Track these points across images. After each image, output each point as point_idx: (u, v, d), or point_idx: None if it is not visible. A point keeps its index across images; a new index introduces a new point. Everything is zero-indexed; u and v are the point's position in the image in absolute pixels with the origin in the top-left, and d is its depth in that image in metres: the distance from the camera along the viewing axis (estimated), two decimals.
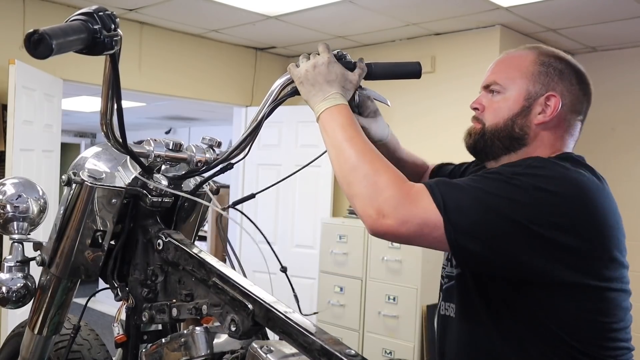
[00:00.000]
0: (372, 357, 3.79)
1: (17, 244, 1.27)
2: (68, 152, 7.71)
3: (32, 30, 0.83)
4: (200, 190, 1.26)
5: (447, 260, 1.29)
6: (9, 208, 1.28)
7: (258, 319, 0.96)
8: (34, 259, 1.26)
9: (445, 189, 1.03)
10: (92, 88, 4.34)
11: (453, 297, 1.23)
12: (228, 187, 5.21)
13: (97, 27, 0.89)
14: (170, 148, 1.19)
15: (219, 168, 1.23)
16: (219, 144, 1.26)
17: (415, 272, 3.73)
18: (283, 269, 1.23)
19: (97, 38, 0.90)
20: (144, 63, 4.30)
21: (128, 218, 1.23)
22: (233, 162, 1.23)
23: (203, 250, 1.12)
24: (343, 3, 3.59)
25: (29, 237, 1.29)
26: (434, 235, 1.02)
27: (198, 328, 1.07)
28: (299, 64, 1.23)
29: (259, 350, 0.94)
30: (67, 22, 0.90)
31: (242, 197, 1.27)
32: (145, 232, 1.22)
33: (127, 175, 1.20)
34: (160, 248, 1.16)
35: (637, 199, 4.03)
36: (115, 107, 1.03)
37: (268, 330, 0.99)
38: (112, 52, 0.93)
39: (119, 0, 3.71)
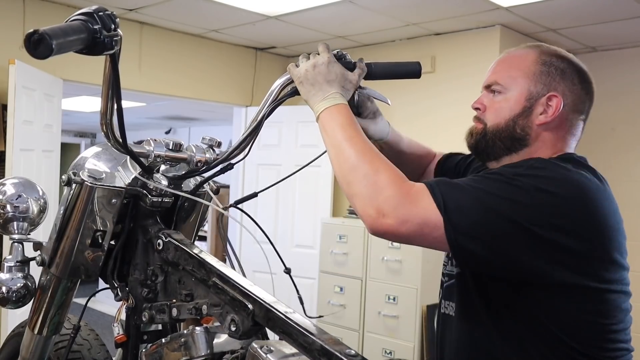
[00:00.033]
0: (372, 357, 3.79)
1: (17, 244, 1.27)
2: (68, 152, 7.71)
3: (32, 30, 0.83)
4: (201, 190, 1.26)
5: (447, 259, 1.28)
6: (9, 208, 1.28)
7: (258, 319, 0.96)
8: (34, 259, 1.26)
9: (446, 189, 1.03)
10: (92, 88, 4.34)
11: (453, 295, 1.23)
12: (228, 187, 5.21)
13: (97, 27, 0.89)
14: (170, 148, 1.18)
15: (219, 168, 1.23)
16: (219, 144, 1.26)
17: (415, 272, 3.73)
18: (287, 270, 1.23)
19: (97, 38, 0.90)
20: (144, 63, 4.30)
21: (128, 218, 1.22)
22: (233, 162, 1.23)
23: (203, 250, 1.12)
24: (343, 3, 3.59)
25: (29, 237, 1.29)
26: (434, 235, 1.01)
27: (198, 328, 1.07)
28: (299, 64, 1.23)
29: (259, 350, 0.94)
30: (67, 22, 0.90)
31: (243, 196, 1.27)
32: (145, 232, 1.22)
33: (127, 175, 1.20)
34: (160, 248, 1.16)
35: (637, 199, 4.03)
36: (115, 107, 1.03)
37: (268, 330, 0.99)
38: (112, 52, 0.93)
39: (119, 0, 3.71)
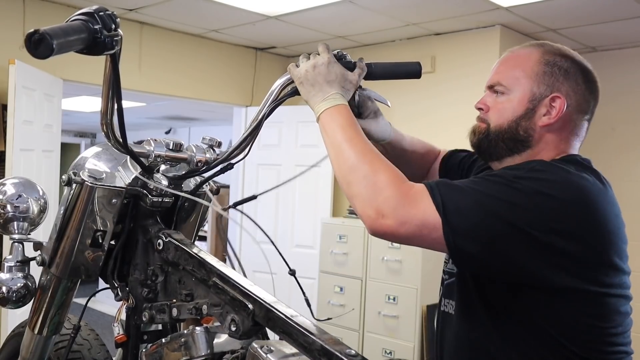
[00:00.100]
0: (372, 357, 3.79)
1: (17, 244, 1.27)
2: (68, 152, 7.71)
3: (32, 30, 0.83)
4: (200, 190, 1.26)
5: (448, 256, 1.28)
6: (9, 208, 1.28)
7: (258, 319, 0.96)
8: (34, 259, 1.26)
9: (445, 191, 1.02)
10: (92, 88, 4.34)
11: (453, 294, 1.22)
12: (228, 187, 5.21)
13: (97, 27, 0.89)
14: (171, 148, 1.19)
15: (219, 168, 1.23)
16: (219, 144, 1.26)
17: (415, 272, 3.73)
18: (292, 272, 1.23)
19: (97, 38, 0.90)
20: (144, 63, 4.30)
21: (128, 218, 1.22)
22: (233, 162, 1.23)
23: (203, 250, 1.12)
24: (343, 3, 3.59)
25: (29, 237, 1.29)
26: (433, 237, 1.01)
27: (198, 328, 1.07)
28: (299, 64, 1.23)
29: (259, 350, 0.94)
30: (67, 22, 0.90)
31: (243, 197, 1.27)
32: (146, 232, 1.22)
33: (127, 175, 1.20)
34: (161, 248, 1.16)
35: (637, 199, 4.03)
36: (116, 107, 1.03)
37: (268, 330, 0.99)
38: (112, 52, 0.93)
39: (119, 0, 3.71)
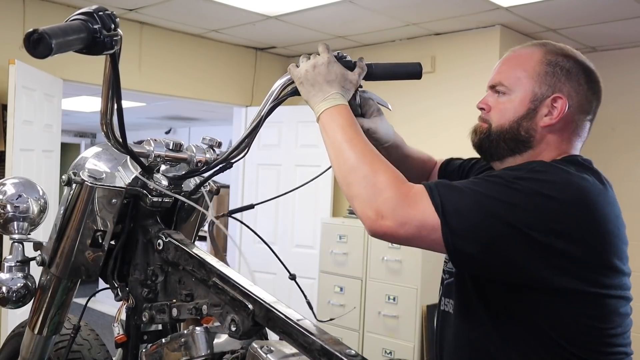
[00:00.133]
0: (372, 357, 3.79)
1: (17, 244, 1.27)
2: (68, 152, 7.71)
3: (31, 30, 0.83)
4: (199, 193, 1.26)
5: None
6: (9, 208, 1.28)
7: (258, 319, 0.96)
8: (34, 259, 1.26)
9: (445, 191, 1.02)
10: (92, 88, 4.34)
11: (452, 293, 1.22)
12: (228, 187, 5.21)
13: (97, 26, 0.89)
14: (171, 148, 1.18)
15: (218, 168, 1.23)
16: (219, 144, 1.26)
17: (415, 272, 3.73)
18: (292, 277, 1.23)
19: (97, 38, 0.89)
20: (144, 63, 4.30)
21: (128, 218, 1.22)
22: (232, 161, 1.23)
23: (203, 250, 1.12)
24: (343, 3, 3.59)
25: (29, 237, 1.29)
26: (432, 238, 1.01)
27: (198, 328, 1.07)
28: (299, 65, 1.23)
29: (259, 350, 0.94)
30: (66, 21, 0.90)
31: (244, 198, 1.27)
32: (146, 232, 1.21)
33: (127, 175, 1.20)
34: (161, 248, 1.16)
35: (637, 199, 4.03)
36: (116, 107, 1.03)
37: (268, 330, 0.99)
38: (112, 51, 0.93)
39: (119, 0, 3.71)
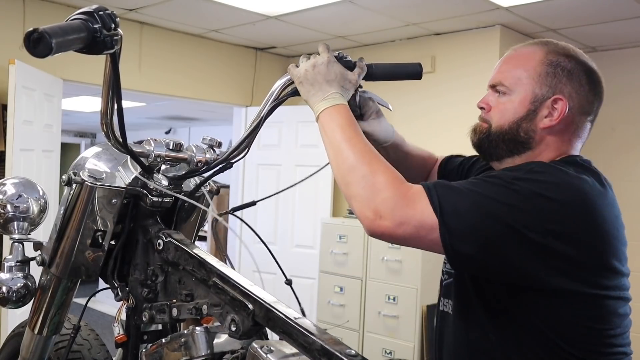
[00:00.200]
0: (372, 357, 3.79)
1: (17, 244, 1.27)
2: (68, 152, 7.71)
3: (31, 29, 0.83)
4: (199, 192, 1.26)
5: None
6: (9, 208, 1.28)
7: (258, 319, 0.96)
8: (34, 259, 1.25)
9: (443, 192, 1.02)
10: (92, 88, 4.34)
11: (451, 294, 1.22)
12: (228, 187, 5.20)
13: (97, 26, 0.89)
14: (171, 148, 1.18)
15: (218, 168, 1.23)
16: (219, 144, 1.26)
17: (415, 272, 3.73)
18: (288, 282, 1.23)
19: (97, 37, 0.89)
20: (144, 63, 4.30)
21: (128, 218, 1.22)
22: (232, 161, 1.23)
23: (203, 250, 1.12)
24: (343, 3, 3.59)
25: (29, 237, 1.29)
26: (430, 238, 1.01)
27: (198, 328, 1.07)
28: (299, 65, 1.23)
29: (259, 350, 0.94)
30: (67, 21, 0.89)
31: (243, 197, 1.27)
32: (146, 232, 1.21)
33: (127, 175, 1.20)
34: (161, 248, 1.16)
35: (637, 199, 4.03)
36: (116, 107, 1.03)
37: (268, 330, 0.99)
38: (112, 51, 0.93)
39: (119, 0, 3.71)
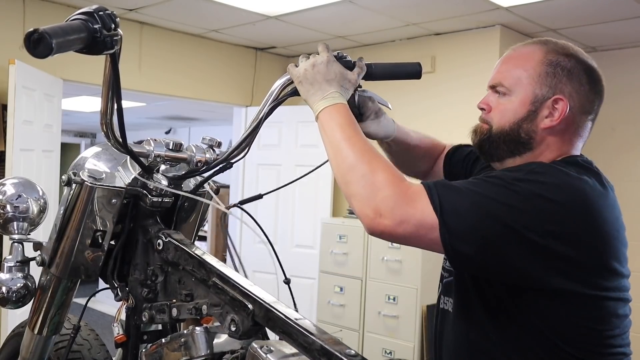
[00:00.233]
0: (372, 357, 3.78)
1: (17, 244, 1.27)
2: (68, 152, 7.71)
3: (32, 30, 0.83)
4: (201, 190, 1.26)
5: None
6: (9, 208, 1.28)
7: (258, 319, 0.96)
8: (34, 259, 1.26)
9: (443, 191, 1.02)
10: (92, 88, 4.34)
11: (451, 292, 1.22)
12: (228, 187, 5.21)
13: (97, 26, 0.89)
14: (170, 148, 1.18)
15: (218, 167, 1.23)
16: (219, 144, 1.26)
17: (415, 272, 3.73)
18: (287, 281, 1.23)
19: (97, 37, 0.89)
20: (144, 63, 4.30)
21: (128, 218, 1.22)
22: (232, 161, 1.23)
23: (203, 251, 1.12)
24: (343, 3, 3.59)
25: (29, 237, 1.29)
26: (430, 237, 1.01)
27: (198, 328, 1.07)
28: (299, 64, 1.23)
29: (259, 350, 0.94)
30: (67, 21, 0.90)
31: (244, 197, 1.27)
32: (145, 232, 1.21)
33: (127, 175, 1.20)
34: (160, 248, 1.16)
35: (637, 199, 4.03)
36: (115, 107, 1.03)
37: (268, 330, 0.99)
38: (112, 51, 0.93)
39: (119, 0, 3.71)
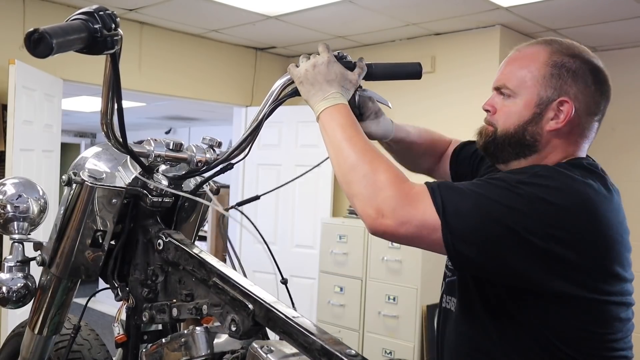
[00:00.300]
0: (372, 357, 3.79)
1: (17, 244, 1.27)
2: (68, 152, 7.71)
3: (32, 29, 0.83)
4: (200, 191, 1.26)
5: None
6: (9, 208, 1.28)
7: (258, 319, 0.96)
8: (34, 259, 1.26)
9: (446, 192, 1.02)
10: (92, 88, 4.34)
11: (454, 291, 1.22)
12: (228, 187, 5.21)
13: (97, 26, 0.89)
14: (171, 148, 1.18)
15: (219, 168, 1.23)
16: (219, 144, 1.26)
17: (415, 272, 3.73)
18: (284, 281, 1.23)
19: (97, 37, 0.89)
20: (144, 63, 4.30)
21: (128, 218, 1.22)
22: (233, 162, 1.23)
23: (203, 250, 1.12)
24: (343, 3, 3.59)
25: (29, 237, 1.29)
26: (432, 238, 1.01)
27: (198, 328, 1.07)
28: (299, 64, 1.23)
29: (259, 350, 0.94)
30: (67, 21, 0.90)
31: (245, 198, 1.27)
32: (146, 232, 1.21)
33: (127, 175, 1.20)
34: (161, 248, 1.16)
35: (637, 199, 4.03)
36: (116, 107, 1.03)
37: (268, 330, 0.99)
38: (112, 51, 0.93)
39: (119, 0, 3.71)
